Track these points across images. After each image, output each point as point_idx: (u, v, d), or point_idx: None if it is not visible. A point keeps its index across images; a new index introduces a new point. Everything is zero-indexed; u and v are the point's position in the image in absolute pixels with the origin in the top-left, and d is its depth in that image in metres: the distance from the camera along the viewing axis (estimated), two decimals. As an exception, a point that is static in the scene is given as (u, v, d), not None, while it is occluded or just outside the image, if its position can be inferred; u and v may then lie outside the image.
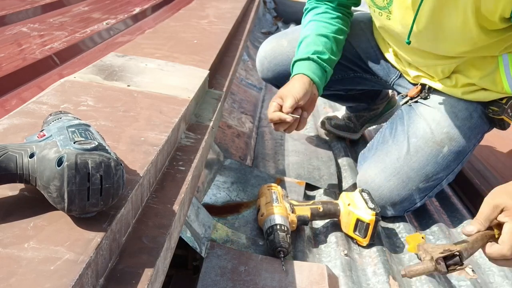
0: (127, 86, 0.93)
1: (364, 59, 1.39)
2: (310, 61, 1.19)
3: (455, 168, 1.21)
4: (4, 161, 0.50)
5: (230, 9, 1.98)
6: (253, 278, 0.87)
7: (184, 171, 0.78)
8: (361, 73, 1.42)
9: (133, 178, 0.61)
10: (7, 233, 0.48)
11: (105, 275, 0.52)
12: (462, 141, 1.19)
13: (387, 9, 1.15)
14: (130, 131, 0.74)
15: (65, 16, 1.83)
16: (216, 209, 1.09)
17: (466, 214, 1.30)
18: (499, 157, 1.62)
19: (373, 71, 1.39)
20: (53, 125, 0.57)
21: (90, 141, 0.51)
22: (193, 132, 0.93)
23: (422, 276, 1.00)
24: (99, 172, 0.49)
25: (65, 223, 0.51)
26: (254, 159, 1.45)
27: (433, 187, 1.20)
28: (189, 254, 0.96)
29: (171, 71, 1.07)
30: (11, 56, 1.27)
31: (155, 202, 0.67)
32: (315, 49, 1.21)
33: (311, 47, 1.21)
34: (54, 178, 0.48)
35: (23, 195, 0.54)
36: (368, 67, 1.40)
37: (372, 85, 1.46)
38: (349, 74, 1.43)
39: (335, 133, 1.68)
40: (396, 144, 1.21)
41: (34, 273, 0.43)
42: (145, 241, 0.59)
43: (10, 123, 0.69)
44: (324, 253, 1.06)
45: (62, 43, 1.45)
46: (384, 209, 1.20)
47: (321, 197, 1.28)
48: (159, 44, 1.28)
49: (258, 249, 0.99)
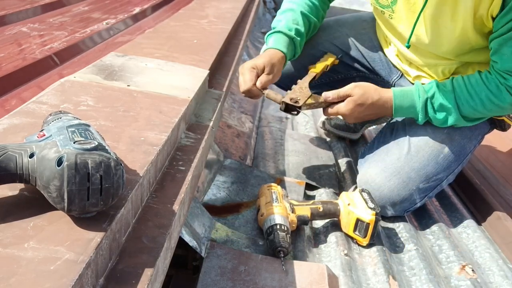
0: (127, 86, 0.93)
1: (367, 58, 1.40)
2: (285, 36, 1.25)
3: (456, 169, 1.21)
4: (4, 161, 0.50)
5: (230, 9, 1.98)
6: (253, 278, 0.87)
7: (184, 171, 0.78)
8: (364, 73, 1.43)
9: (133, 178, 0.61)
10: (7, 233, 0.48)
11: (105, 275, 0.52)
12: (463, 141, 1.19)
13: (390, 8, 1.16)
14: (130, 131, 0.74)
15: (65, 16, 1.83)
16: (216, 209, 1.09)
17: (466, 214, 1.30)
18: (499, 157, 1.62)
19: (375, 70, 1.40)
20: (53, 125, 0.57)
21: (90, 141, 0.51)
22: (193, 132, 0.93)
23: (422, 276, 1.00)
24: (99, 172, 0.48)
25: (65, 223, 0.51)
26: (254, 159, 1.45)
27: (433, 188, 1.21)
28: (189, 254, 0.95)
29: (171, 71, 1.07)
30: (11, 56, 1.27)
31: (155, 202, 0.67)
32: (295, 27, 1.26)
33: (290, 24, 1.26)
34: (54, 178, 0.48)
35: (23, 195, 0.54)
36: (371, 66, 1.41)
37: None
38: (351, 73, 1.43)
39: (335, 133, 1.68)
40: (397, 144, 1.21)
41: (34, 273, 0.43)
42: (145, 241, 0.59)
43: (10, 123, 0.69)
44: (324, 253, 1.06)
45: (62, 43, 1.45)
46: (384, 209, 1.20)
47: (321, 197, 1.28)
48: (159, 44, 1.28)
49: (258, 249, 0.99)
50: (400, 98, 1.15)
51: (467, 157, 1.22)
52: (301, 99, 1.13)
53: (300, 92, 1.16)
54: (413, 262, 1.06)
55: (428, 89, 1.14)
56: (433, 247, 1.16)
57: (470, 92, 1.10)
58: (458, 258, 1.09)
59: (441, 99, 1.13)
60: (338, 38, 1.41)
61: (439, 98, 1.13)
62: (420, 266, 1.03)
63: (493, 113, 1.14)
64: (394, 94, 1.15)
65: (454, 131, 1.19)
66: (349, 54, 1.40)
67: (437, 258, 1.12)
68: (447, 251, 1.12)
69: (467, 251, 1.16)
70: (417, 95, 1.14)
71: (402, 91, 1.16)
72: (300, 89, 1.17)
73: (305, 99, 1.13)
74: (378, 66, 1.40)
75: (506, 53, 1.03)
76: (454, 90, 1.12)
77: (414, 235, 1.16)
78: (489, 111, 1.12)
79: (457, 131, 1.19)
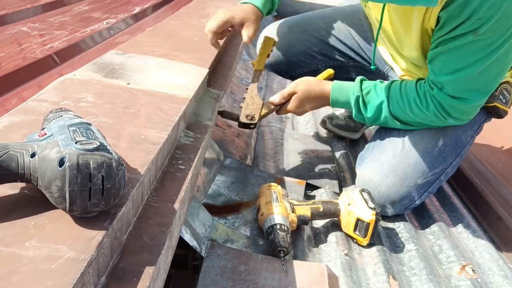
0: (127, 84, 0.93)
1: (363, 48, 1.43)
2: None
3: (453, 162, 1.21)
4: (6, 161, 0.50)
5: (230, 8, 1.97)
6: (253, 278, 0.87)
7: (184, 169, 0.78)
8: (360, 63, 1.46)
9: (134, 176, 0.61)
10: (8, 231, 0.48)
11: (106, 273, 0.52)
12: (457, 133, 1.19)
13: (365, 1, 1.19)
14: (130, 128, 0.74)
15: (65, 15, 1.82)
16: (216, 208, 1.09)
17: (466, 214, 1.30)
18: (499, 157, 1.62)
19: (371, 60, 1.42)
20: (54, 123, 0.56)
21: (92, 141, 0.51)
22: (192, 131, 0.93)
23: (422, 276, 1.01)
24: (101, 173, 0.49)
25: (66, 221, 0.51)
26: (254, 159, 1.45)
27: (432, 183, 1.20)
28: (189, 253, 0.95)
29: (171, 69, 1.07)
30: (11, 55, 1.27)
31: (155, 200, 0.67)
32: None
33: None
34: (55, 178, 0.48)
35: (24, 193, 0.54)
36: (367, 56, 1.44)
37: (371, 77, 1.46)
38: (348, 62, 1.47)
39: (335, 133, 1.68)
40: (392, 142, 1.22)
41: (36, 271, 0.43)
42: (146, 239, 0.59)
43: (10, 120, 0.69)
44: (324, 252, 1.06)
45: (62, 43, 1.45)
46: (384, 207, 1.20)
47: (321, 197, 1.28)
48: (159, 42, 1.28)
49: (258, 248, 0.99)
50: (337, 92, 1.22)
51: (464, 148, 1.21)
52: (255, 114, 1.21)
53: (252, 104, 1.22)
54: (413, 262, 1.06)
55: (365, 87, 1.20)
56: (433, 247, 1.16)
57: (402, 94, 1.15)
58: (459, 258, 1.09)
59: (374, 97, 1.18)
60: (335, 26, 1.45)
61: (373, 96, 1.18)
62: (420, 266, 1.03)
63: (420, 119, 1.16)
64: (333, 88, 1.22)
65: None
66: (345, 43, 1.44)
67: (437, 258, 1.12)
68: (448, 251, 1.12)
69: (467, 251, 1.16)
70: (352, 91, 1.20)
71: (341, 86, 1.22)
72: (252, 100, 1.23)
73: (259, 112, 1.21)
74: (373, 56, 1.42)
75: (436, 65, 1.08)
76: (389, 90, 1.17)
77: (414, 235, 1.16)
78: (415, 115, 1.16)
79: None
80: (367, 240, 1.07)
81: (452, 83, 1.07)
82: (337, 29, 1.44)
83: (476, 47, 1.00)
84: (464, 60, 1.03)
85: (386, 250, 1.07)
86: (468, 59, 1.03)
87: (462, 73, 1.05)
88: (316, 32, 1.43)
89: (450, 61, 1.05)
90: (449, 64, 1.05)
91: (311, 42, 1.41)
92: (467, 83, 1.07)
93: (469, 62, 1.03)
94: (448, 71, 1.06)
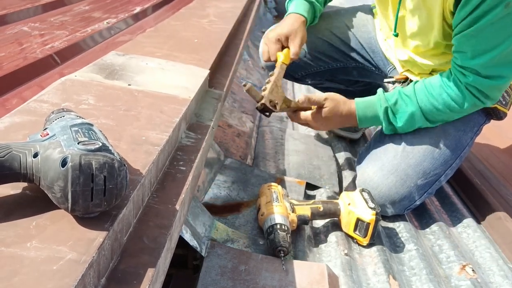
0: (128, 85, 0.93)
1: (366, 49, 1.43)
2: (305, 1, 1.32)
3: (453, 163, 1.21)
4: (8, 160, 0.50)
5: (230, 8, 1.98)
6: (253, 278, 0.87)
7: (184, 171, 0.78)
8: (363, 64, 1.45)
9: (135, 178, 0.61)
10: (9, 232, 0.48)
11: (106, 275, 0.52)
12: (458, 134, 1.19)
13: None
14: (131, 130, 0.74)
15: (66, 15, 1.83)
16: (216, 208, 1.09)
17: (466, 214, 1.30)
18: (499, 157, 1.62)
19: (374, 61, 1.42)
20: (56, 123, 0.57)
21: (94, 141, 0.51)
22: (193, 131, 0.93)
23: (422, 276, 1.01)
24: (103, 173, 0.49)
25: (68, 222, 0.51)
26: (254, 159, 1.46)
27: (432, 183, 1.21)
28: (189, 253, 0.96)
29: (172, 70, 1.08)
30: (12, 55, 1.27)
31: (156, 202, 0.67)
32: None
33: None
34: (58, 178, 0.48)
35: (25, 194, 0.55)
36: (370, 57, 1.43)
37: (374, 77, 1.47)
38: (350, 63, 1.46)
39: (335, 133, 1.68)
40: (393, 142, 1.22)
41: (37, 272, 0.43)
42: (146, 241, 0.59)
43: (11, 121, 0.69)
44: (324, 252, 1.06)
45: (63, 42, 1.45)
46: (384, 207, 1.20)
47: (322, 197, 1.28)
48: (159, 43, 1.28)
49: (258, 248, 0.99)
50: (363, 109, 1.18)
51: (464, 150, 1.21)
52: (278, 103, 1.17)
53: (276, 93, 1.18)
54: (413, 262, 1.06)
55: (389, 97, 1.16)
56: (434, 247, 1.16)
57: (432, 93, 1.12)
58: (459, 258, 1.09)
59: (403, 105, 1.15)
60: (338, 27, 1.44)
61: (401, 105, 1.15)
62: (421, 266, 1.04)
63: (455, 113, 1.14)
64: (357, 106, 1.18)
65: (449, 125, 1.19)
66: (349, 44, 1.43)
67: (438, 258, 1.12)
68: (448, 251, 1.12)
69: (468, 251, 1.16)
70: (378, 104, 1.17)
71: (365, 102, 1.19)
72: (276, 89, 1.18)
73: (281, 103, 1.17)
74: (376, 57, 1.42)
75: (466, 50, 1.04)
76: (415, 95, 1.14)
77: (414, 235, 1.16)
78: (451, 110, 1.13)
79: (451, 125, 1.19)
80: (367, 240, 1.07)
81: (486, 64, 1.03)
82: (340, 31, 1.43)
83: (509, 20, 0.95)
84: (497, 38, 0.98)
85: (386, 250, 1.08)
86: (501, 36, 0.98)
87: (496, 51, 1.00)
88: (319, 33, 1.43)
89: (481, 42, 1.00)
90: (481, 45, 1.01)
91: (314, 44, 1.41)
92: (502, 59, 1.02)
93: (502, 38, 0.98)
94: (480, 53, 1.01)
